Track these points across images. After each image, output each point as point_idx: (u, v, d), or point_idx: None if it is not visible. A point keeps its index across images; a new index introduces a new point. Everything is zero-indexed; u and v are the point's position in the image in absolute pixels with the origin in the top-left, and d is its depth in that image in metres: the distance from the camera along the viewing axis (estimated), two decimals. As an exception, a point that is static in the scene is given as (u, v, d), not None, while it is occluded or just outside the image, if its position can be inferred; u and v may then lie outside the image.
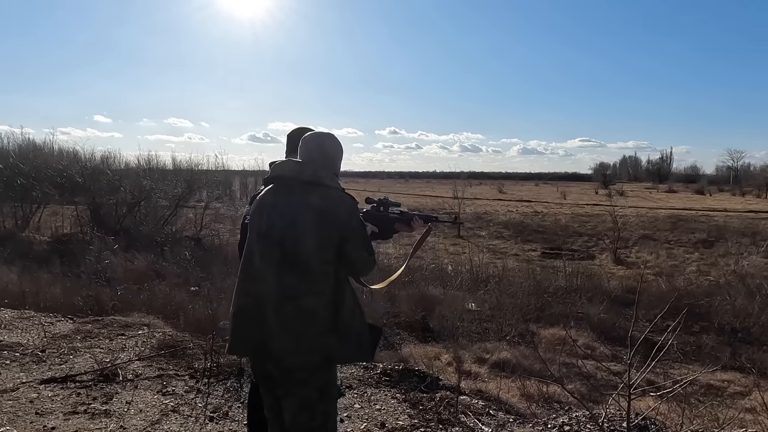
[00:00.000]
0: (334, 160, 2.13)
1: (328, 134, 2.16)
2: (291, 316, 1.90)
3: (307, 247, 1.92)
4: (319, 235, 1.93)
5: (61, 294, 7.88)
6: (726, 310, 9.35)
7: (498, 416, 3.16)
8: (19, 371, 3.73)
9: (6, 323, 5.00)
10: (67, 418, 3.02)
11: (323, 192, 1.98)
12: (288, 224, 1.95)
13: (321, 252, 1.93)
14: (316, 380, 1.94)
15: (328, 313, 1.92)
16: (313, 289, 1.92)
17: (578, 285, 11.44)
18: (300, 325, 1.90)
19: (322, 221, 1.94)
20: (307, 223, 1.94)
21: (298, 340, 1.90)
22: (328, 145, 2.12)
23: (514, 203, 34.61)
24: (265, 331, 1.93)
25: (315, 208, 1.95)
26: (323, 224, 1.94)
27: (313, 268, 1.91)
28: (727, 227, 21.62)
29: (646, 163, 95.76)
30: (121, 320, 5.16)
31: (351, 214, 2.00)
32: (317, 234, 1.93)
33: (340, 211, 1.97)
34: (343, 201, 2.01)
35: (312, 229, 1.93)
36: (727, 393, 5.99)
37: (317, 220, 1.94)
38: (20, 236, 15.19)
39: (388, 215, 2.51)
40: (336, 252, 1.96)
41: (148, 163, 20.17)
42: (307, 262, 1.91)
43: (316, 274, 1.92)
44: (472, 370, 6.23)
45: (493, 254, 18.61)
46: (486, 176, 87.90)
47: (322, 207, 1.95)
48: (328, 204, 1.97)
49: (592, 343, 7.89)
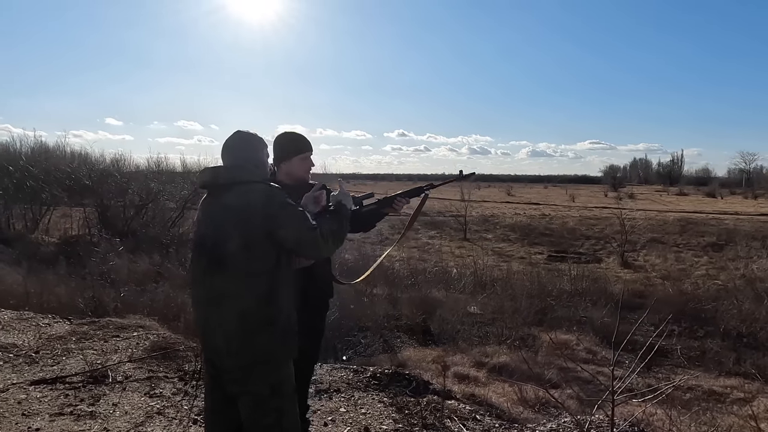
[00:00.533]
0: (251, 155, 2.13)
1: (240, 133, 2.18)
2: (223, 319, 1.95)
3: (232, 249, 1.95)
4: (242, 235, 1.95)
5: (64, 295, 7.95)
6: (732, 315, 9.21)
7: (484, 421, 3.12)
8: (10, 372, 3.76)
9: (4, 324, 5.05)
10: (52, 420, 3.03)
11: (239, 190, 2.01)
12: (212, 230, 2.02)
13: (247, 251, 1.94)
14: (263, 378, 1.98)
15: (260, 312, 1.94)
16: (243, 291, 1.94)
17: (583, 288, 11.35)
18: (231, 327, 1.94)
19: (241, 219, 1.96)
20: (227, 225, 1.98)
21: (229, 342, 1.95)
22: (241, 143, 2.15)
23: (521, 206, 34.41)
24: (205, 335, 2.04)
25: (232, 208, 1.99)
26: (243, 221, 1.96)
27: (240, 269, 1.94)
28: (737, 230, 21.32)
29: (657, 166, 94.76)
30: (117, 322, 5.18)
31: (269, 201, 1.97)
32: (239, 234, 1.95)
33: (255, 202, 1.97)
34: (259, 191, 2.00)
35: (232, 230, 1.96)
36: (729, 399, 5.88)
37: (236, 219, 1.97)
38: (29, 238, 15.35)
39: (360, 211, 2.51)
40: (267, 247, 1.95)
41: (157, 166, 20.31)
42: (235, 264, 1.95)
43: (245, 275, 1.94)
44: (470, 374, 6.18)
45: (499, 257, 18.52)
46: (494, 179, 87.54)
47: (238, 204, 1.98)
48: (244, 200, 1.98)
49: (594, 348, 7.80)
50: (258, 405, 2.00)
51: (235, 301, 1.94)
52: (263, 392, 1.98)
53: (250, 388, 1.99)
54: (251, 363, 1.97)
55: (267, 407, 1.99)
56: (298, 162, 2.52)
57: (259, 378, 1.98)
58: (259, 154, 2.16)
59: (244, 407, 2.02)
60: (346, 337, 7.32)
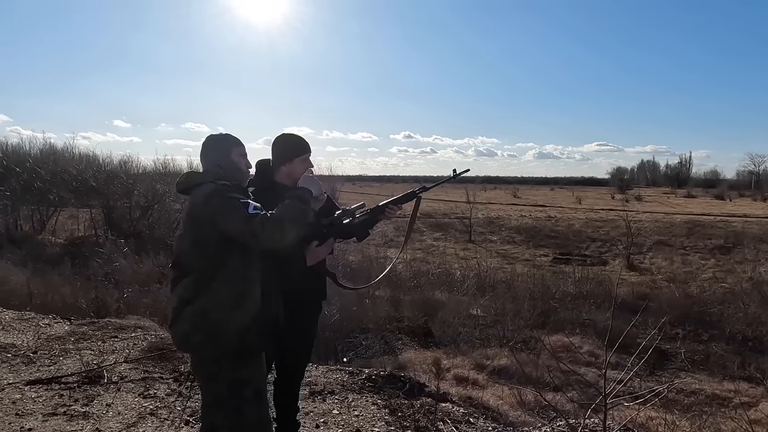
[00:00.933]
0: (211, 156, 2.21)
1: (207, 137, 2.26)
2: (183, 319, 2.00)
3: (185, 248, 2.04)
4: (192, 233, 2.02)
5: (67, 296, 8.00)
6: (738, 318, 9.11)
7: (478, 424, 3.10)
8: (7, 372, 3.78)
9: (5, 324, 5.08)
10: (45, 420, 3.04)
11: (194, 191, 2.09)
12: (178, 233, 2.16)
13: (197, 249, 2.00)
14: (222, 377, 2.00)
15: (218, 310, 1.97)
16: (201, 289, 1.98)
17: (588, 291, 11.28)
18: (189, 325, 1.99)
19: (191, 218, 2.05)
20: (184, 226, 2.10)
21: (189, 339, 2.01)
22: (206, 148, 2.23)
23: (527, 208, 34.27)
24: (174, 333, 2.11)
25: (186, 209, 2.12)
26: (192, 220, 2.04)
27: (194, 267, 2.00)
28: (745, 233, 21.10)
29: (665, 168, 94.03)
30: (116, 322, 5.20)
31: (208, 198, 2.00)
32: (191, 233, 2.03)
33: (199, 201, 2.02)
34: (203, 189, 2.05)
35: (186, 230, 2.07)
36: (732, 403, 5.80)
37: (188, 220, 2.07)
38: (36, 239, 15.48)
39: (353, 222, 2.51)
40: (219, 245, 1.98)
41: (164, 167, 20.38)
42: (189, 264, 2.02)
43: (202, 274, 1.99)
44: (469, 377, 6.15)
45: (504, 259, 18.45)
46: (501, 181, 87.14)
47: (191, 205, 2.08)
48: (193, 199, 2.07)
49: (596, 351, 7.74)
50: (217, 404, 2.03)
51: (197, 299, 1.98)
52: (221, 391, 2.01)
53: (210, 387, 2.04)
54: (209, 361, 2.01)
55: (226, 407, 2.02)
56: (300, 163, 2.53)
57: (217, 377, 2.01)
58: (220, 154, 2.20)
59: (204, 405, 2.10)
60: (347, 338, 7.31)
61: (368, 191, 45.17)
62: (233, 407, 2.00)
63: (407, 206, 2.73)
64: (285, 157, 2.53)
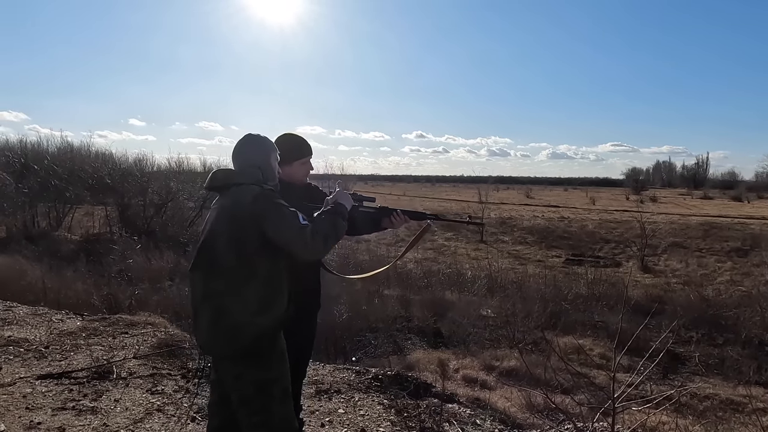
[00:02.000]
0: (251, 157, 2.17)
1: (246, 136, 2.22)
2: (210, 317, 2.00)
3: (221, 247, 2.01)
4: (231, 233, 2.00)
5: (81, 292, 8.11)
6: (755, 322, 8.94)
7: (484, 426, 3.07)
8: (19, 366, 3.84)
9: (19, 319, 5.16)
10: (54, 414, 3.08)
11: (234, 191, 2.07)
12: (209, 230, 2.10)
13: (233, 248, 1.98)
14: (250, 376, 2.00)
15: (249, 311, 1.98)
16: (233, 289, 1.97)
17: (600, 293, 11.15)
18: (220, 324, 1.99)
19: (232, 218, 2.02)
20: (220, 224, 2.06)
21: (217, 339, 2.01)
22: (245, 147, 2.19)
23: (540, 208, 33.99)
24: (197, 331, 2.10)
25: (226, 208, 2.07)
26: (233, 220, 2.01)
27: (228, 267, 1.99)
28: (763, 236, 20.69)
29: (681, 169, 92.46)
30: (127, 319, 5.25)
31: (256, 200, 2.00)
32: (228, 232, 2.01)
33: (245, 202, 2.01)
34: (250, 191, 2.04)
35: (223, 228, 2.03)
36: (748, 409, 5.69)
37: (227, 218, 2.03)
38: (53, 235, 15.74)
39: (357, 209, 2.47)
40: (258, 247, 1.98)
41: (178, 166, 20.59)
42: (222, 262, 2.00)
43: (233, 273, 1.98)
44: (478, 378, 6.11)
45: (515, 260, 18.32)
46: (514, 181, 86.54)
47: (230, 204, 2.05)
48: (235, 199, 2.04)
49: (608, 353, 7.65)
50: (243, 402, 2.02)
51: (224, 298, 1.98)
52: (248, 391, 2.00)
53: (238, 386, 2.02)
54: (239, 361, 2.00)
55: (251, 406, 2.01)
56: (299, 166, 2.54)
57: (246, 376, 2.00)
58: (261, 156, 2.18)
59: (234, 404, 2.06)
60: (356, 337, 7.31)
61: (381, 190, 45.16)
62: (260, 406, 2.01)
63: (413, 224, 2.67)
64: (284, 159, 2.50)
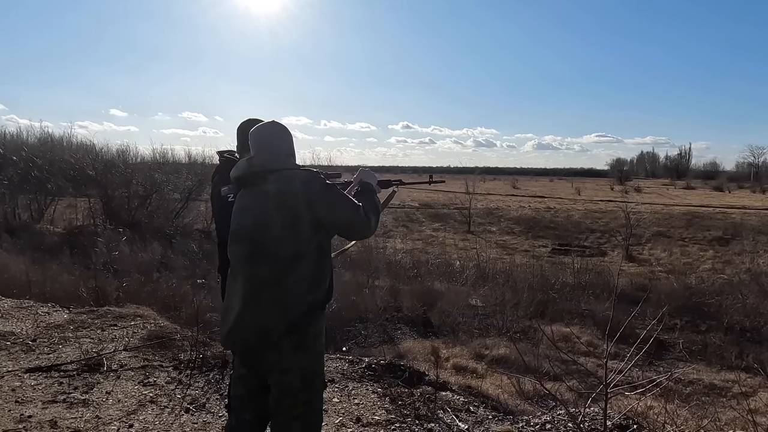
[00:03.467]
0: (283, 144, 2.13)
1: (270, 123, 2.18)
2: (266, 306, 1.93)
3: (275, 236, 1.93)
4: (283, 220, 1.93)
5: (67, 285, 7.98)
6: (736, 309, 9.14)
7: (478, 412, 3.10)
8: (6, 360, 3.78)
9: (4, 312, 5.07)
10: (45, 407, 3.04)
11: (276, 177, 2.00)
12: (252, 218, 1.99)
13: (290, 237, 1.92)
14: (296, 370, 1.96)
15: (302, 300, 1.94)
16: (286, 277, 1.92)
17: (586, 282, 11.29)
18: (273, 315, 1.93)
19: (282, 204, 1.94)
20: (267, 213, 1.96)
21: (269, 330, 1.93)
22: (272, 134, 2.13)
23: (527, 199, 34.26)
24: (242, 323, 1.96)
25: (272, 195, 1.97)
26: (283, 207, 1.94)
27: (283, 256, 1.92)
28: (744, 225, 21.12)
29: (664, 159, 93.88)
30: (115, 311, 5.19)
31: (308, 183, 1.97)
32: (281, 219, 1.93)
33: (295, 186, 1.96)
34: (297, 175, 2.00)
35: (274, 216, 1.94)
36: (730, 393, 5.83)
37: (276, 205, 1.95)
38: (34, 228, 15.45)
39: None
40: (310, 233, 1.94)
41: (162, 157, 20.36)
42: (276, 252, 1.92)
43: (289, 261, 1.92)
44: (468, 366, 6.16)
45: (503, 250, 18.46)
46: (500, 172, 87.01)
47: (277, 191, 1.97)
48: (284, 186, 1.97)
49: (595, 341, 7.78)
50: (287, 395, 1.97)
51: (278, 288, 1.93)
52: (295, 384, 1.96)
53: (283, 378, 1.96)
54: (289, 353, 1.94)
55: (299, 398, 1.97)
56: None
57: (294, 370, 1.95)
58: (290, 144, 2.17)
59: (274, 396, 1.99)
60: (346, 327, 7.32)
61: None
62: (304, 399, 1.98)
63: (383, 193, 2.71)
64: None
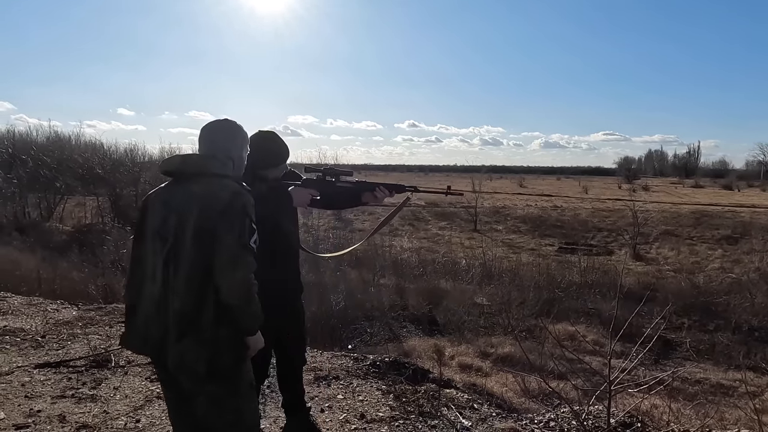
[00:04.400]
0: (225, 145, 1.96)
1: (222, 121, 2.01)
2: (174, 321, 1.77)
3: (187, 240, 1.77)
4: (195, 227, 1.77)
5: (76, 282, 8.07)
6: (744, 308, 9.09)
7: (482, 410, 3.11)
8: (16, 355, 3.83)
9: (14, 309, 5.14)
10: (54, 402, 3.08)
11: (206, 181, 1.86)
12: (173, 220, 1.82)
13: (198, 244, 1.76)
14: (218, 378, 1.82)
15: (209, 310, 1.77)
16: (195, 286, 1.77)
17: (593, 280, 11.26)
18: (181, 330, 1.76)
19: (200, 211, 1.79)
20: (187, 216, 1.79)
21: (184, 351, 1.76)
22: (219, 134, 1.97)
23: (533, 197, 34.12)
24: (149, 330, 1.82)
25: (195, 199, 1.81)
26: (200, 214, 1.78)
27: (190, 262, 1.76)
28: (753, 223, 20.94)
29: (673, 158, 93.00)
30: (123, 308, 5.23)
31: (234, 198, 1.80)
32: (193, 226, 1.78)
33: (222, 196, 1.80)
34: (226, 187, 1.84)
35: (189, 221, 1.78)
36: (737, 393, 5.80)
37: (196, 211, 1.79)
38: (44, 226, 15.63)
39: (334, 184, 2.49)
40: (210, 245, 1.76)
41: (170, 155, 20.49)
42: (186, 257, 1.77)
43: (194, 269, 1.76)
44: (474, 364, 6.17)
45: (509, 249, 18.42)
46: (507, 170, 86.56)
47: (201, 196, 1.82)
48: (206, 192, 1.82)
49: (601, 339, 7.75)
50: (214, 404, 1.85)
51: (186, 297, 1.76)
52: (219, 392, 1.85)
53: (205, 388, 1.83)
54: (205, 363, 1.77)
55: (224, 407, 1.86)
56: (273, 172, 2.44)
57: (213, 378, 1.80)
58: (233, 146, 1.98)
59: (201, 407, 1.86)
60: (352, 325, 7.35)
61: (372, 179, 44.91)
62: (233, 407, 1.90)
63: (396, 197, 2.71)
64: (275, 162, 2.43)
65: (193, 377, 1.82)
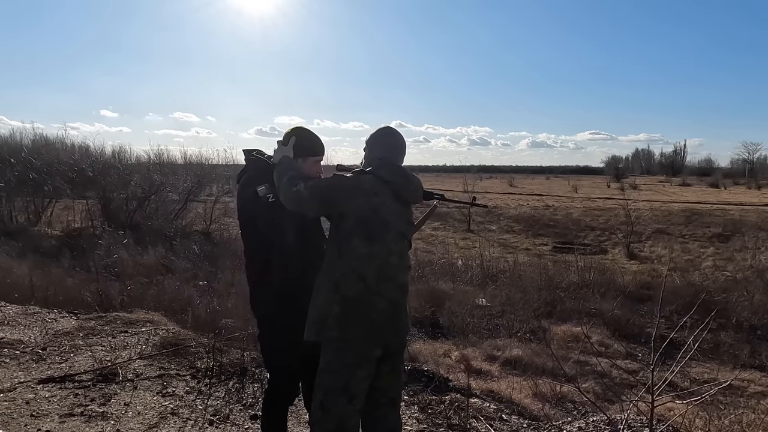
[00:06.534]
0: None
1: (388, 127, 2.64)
2: (406, 300, 2.30)
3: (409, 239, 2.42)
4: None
5: (70, 289, 7.84)
6: (744, 306, 9.10)
7: (511, 420, 3.01)
8: (17, 370, 3.65)
9: (10, 319, 4.94)
10: (62, 421, 2.92)
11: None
12: (405, 221, 2.40)
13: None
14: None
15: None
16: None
17: (591, 280, 11.22)
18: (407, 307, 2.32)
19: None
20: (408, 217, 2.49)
21: (407, 320, 2.32)
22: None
23: (524, 197, 34.19)
24: (393, 318, 2.19)
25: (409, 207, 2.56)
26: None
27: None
28: (743, 221, 21.14)
29: (659, 156, 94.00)
30: (124, 317, 5.06)
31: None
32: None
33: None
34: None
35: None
36: (747, 393, 5.78)
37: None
38: (32, 230, 15.26)
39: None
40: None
41: (158, 158, 20.21)
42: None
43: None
44: (482, 368, 6.08)
45: (504, 248, 18.39)
46: (496, 170, 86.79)
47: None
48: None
49: (606, 341, 7.70)
50: (400, 373, 2.33)
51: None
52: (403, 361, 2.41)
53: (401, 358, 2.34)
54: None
55: (401, 373, 2.39)
56: (312, 163, 2.47)
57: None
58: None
59: (388, 376, 2.22)
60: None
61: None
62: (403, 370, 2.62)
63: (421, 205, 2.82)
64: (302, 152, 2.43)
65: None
